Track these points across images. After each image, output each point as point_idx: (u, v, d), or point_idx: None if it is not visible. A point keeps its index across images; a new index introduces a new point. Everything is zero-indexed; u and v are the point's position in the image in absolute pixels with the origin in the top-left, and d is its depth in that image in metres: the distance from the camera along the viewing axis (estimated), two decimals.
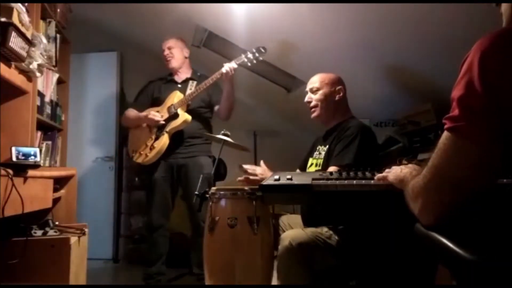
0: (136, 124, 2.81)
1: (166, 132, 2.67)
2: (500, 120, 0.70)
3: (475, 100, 0.72)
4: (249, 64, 2.57)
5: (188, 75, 2.87)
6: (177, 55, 2.85)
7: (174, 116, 2.68)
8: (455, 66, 0.78)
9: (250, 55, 2.55)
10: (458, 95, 0.74)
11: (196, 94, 2.64)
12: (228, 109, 2.71)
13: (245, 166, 1.92)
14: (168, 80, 2.89)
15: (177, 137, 2.72)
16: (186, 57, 2.90)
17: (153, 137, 2.71)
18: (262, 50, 2.55)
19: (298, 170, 2.08)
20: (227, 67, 2.53)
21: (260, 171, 1.88)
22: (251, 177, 1.88)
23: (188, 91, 2.73)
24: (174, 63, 2.84)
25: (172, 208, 2.83)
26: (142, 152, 2.72)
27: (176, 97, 2.73)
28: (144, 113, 2.74)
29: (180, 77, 2.88)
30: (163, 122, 2.68)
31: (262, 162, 1.98)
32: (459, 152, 0.74)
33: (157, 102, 2.81)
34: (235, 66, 2.54)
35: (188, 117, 2.66)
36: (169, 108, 2.70)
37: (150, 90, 2.89)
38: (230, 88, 2.63)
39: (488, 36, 0.74)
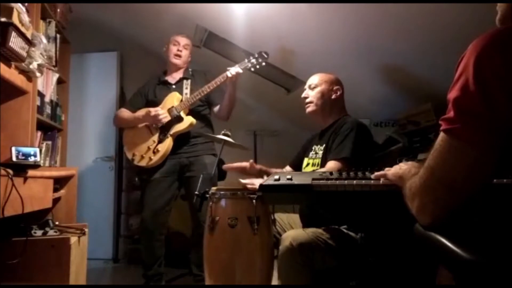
0: (133, 124, 2.72)
1: (170, 135, 2.62)
2: (495, 121, 0.70)
3: (470, 102, 0.71)
4: (252, 69, 2.57)
5: (181, 75, 2.82)
6: (186, 57, 2.80)
7: (178, 119, 2.63)
8: (455, 66, 0.78)
9: (253, 60, 2.55)
10: (454, 97, 0.74)
11: (200, 97, 2.60)
12: (229, 110, 2.70)
13: (243, 181, 1.81)
14: (161, 81, 2.82)
15: (180, 137, 2.66)
16: (189, 61, 2.87)
17: (155, 139, 2.64)
18: (265, 55, 2.55)
19: (288, 167, 2.08)
20: (233, 71, 2.51)
21: (257, 183, 1.86)
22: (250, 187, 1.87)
23: (185, 90, 2.70)
24: (181, 62, 2.79)
25: (169, 209, 2.73)
26: (144, 156, 2.64)
27: (175, 98, 2.67)
28: (143, 112, 2.64)
29: (174, 77, 2.81)
30: (164, 122, 2.62)
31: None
32: (454, 153, 0.74)
33: (152, 105, 2.72)
34: (240, 71, 2.52)
35: (193, 120, 2.63)
36: (170, 110, 2.64)
37: (144, 92, 2.82)
38: (233, 91, 2.62)
39: (483, 36, 0.73)
